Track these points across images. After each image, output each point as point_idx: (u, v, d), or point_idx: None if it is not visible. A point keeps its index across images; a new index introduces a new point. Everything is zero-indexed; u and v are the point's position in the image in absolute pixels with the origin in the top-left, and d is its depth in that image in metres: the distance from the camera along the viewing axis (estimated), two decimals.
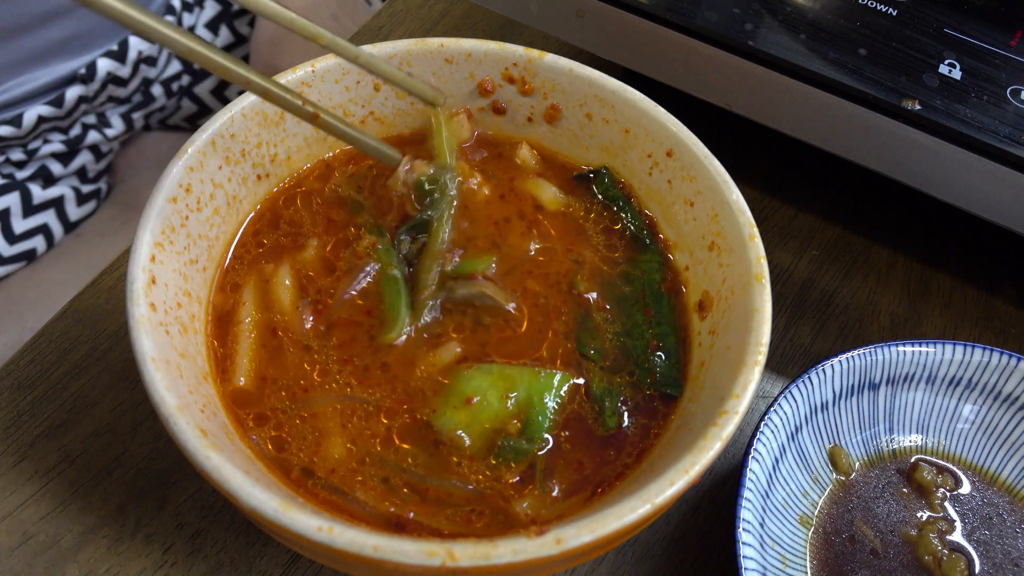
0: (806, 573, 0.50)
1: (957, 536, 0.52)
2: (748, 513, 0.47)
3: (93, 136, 1.00)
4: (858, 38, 0.60)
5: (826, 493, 0.53)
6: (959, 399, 0.55)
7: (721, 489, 0.56)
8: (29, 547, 0.51)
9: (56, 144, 0.97)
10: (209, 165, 0.48)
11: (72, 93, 0.95)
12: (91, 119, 1.01)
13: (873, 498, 0.53)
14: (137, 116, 1.06)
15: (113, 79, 0.98)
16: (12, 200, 0.94)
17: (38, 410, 0.55)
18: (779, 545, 0.50)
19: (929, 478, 0.54)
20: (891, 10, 0.62)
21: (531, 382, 0.45)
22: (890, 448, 0.55)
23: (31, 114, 0.92)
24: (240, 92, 0.48)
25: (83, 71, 0.95)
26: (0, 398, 0.56)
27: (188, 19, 1.08)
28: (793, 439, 0.52)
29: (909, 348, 0.54)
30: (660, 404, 0.46)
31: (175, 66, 1.08)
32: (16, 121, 0.91)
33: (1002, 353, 0.54)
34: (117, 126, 1.03)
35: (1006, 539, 0.52)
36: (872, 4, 0.62)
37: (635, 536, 0.53)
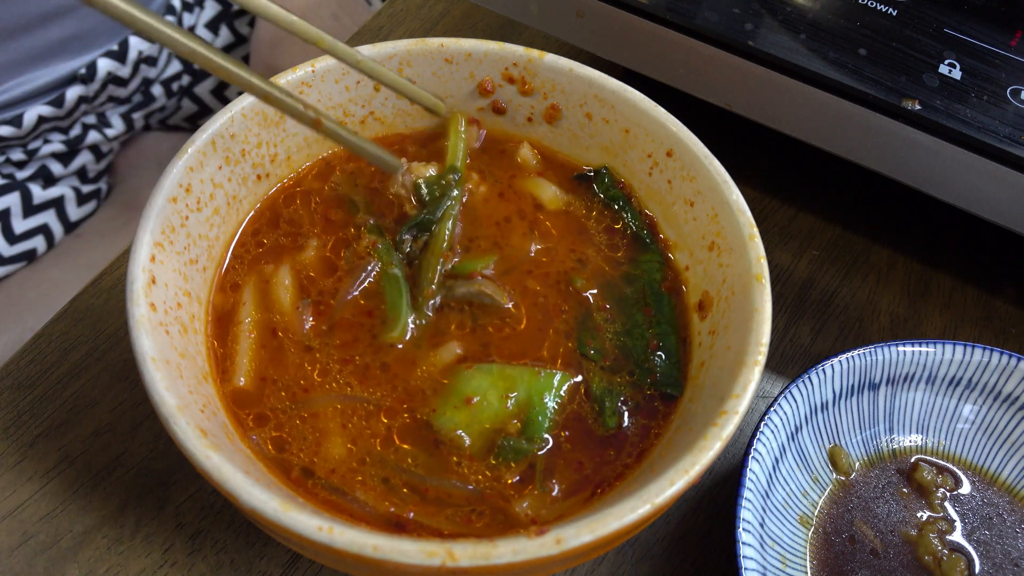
0: (806, 573, 0.50)
1: (957, 536, 0.52)
2: (748, 513, 0.47)
3: (93, 136, 1.00)
4: (858, 38, 0.60)
5: (826, 493, 0.53)
6: (959, 399, 0.55)
7: (721, 489, 0.56)
8: (29, 547, 0.51)
9: (56, 144, 0.97)
10: (209, 165, 0.48)
11: (72, 93, 0.95)
12: (91, 119, 1.01)
13: (873, 498, 0.53)
14: (137, 116, 1.06)
15: (113, 79, 0.98)
16: (12, 200, 0.94)
17: (38, 410, 0.55)
18: (779, 545, 0.50)
19: (929, 478, 0.54)
20: (891, 10, 0.62)
21: (531, 382, 0.45)
22: (890, 448, 0.55)
23: (31, 114, 0.92)
24: (241, 92, 0.48)
25: (83, 71, 0.95)
26: (0, 398, 0.56)
27: (188, 19, 1.08)
28: (793, 439, 0.52)
29: (909, 348, 0.54)
30: (660, 404, 0.46)
31: (175, 66, 1.08)
32: (16, 121, 0.91)
33: (1002, 353, 0.54)
34: (117, 126, 1.03)
35: (1006, 539, 0.52)
36: (872, 4, 0.62)
37: (635, 536, 0.53)
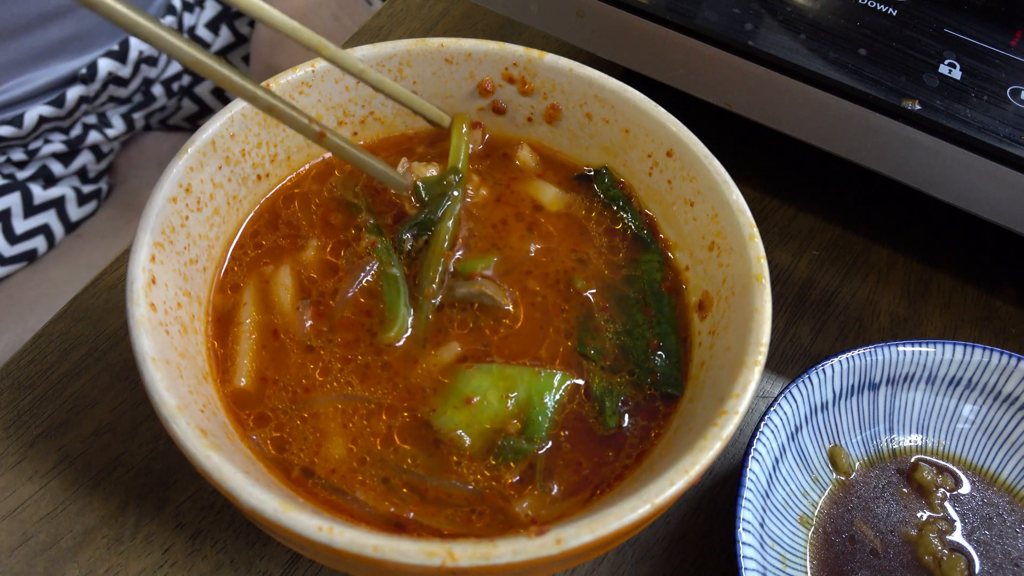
0: (806, 573, 0.50)
1: (957, 536, 0.52)
2: (748, 513, 0.47)
3: (94, 136, 1.00)
4: (858, 38, 0.60)
5: (826, 493, 0.53)
6: (959, 399, 0.55)
7: (721, 489, 0.56)
8: (29, 547, 0.51)
9: (57, 144, 0.97)
10: (209, 165, 0.48)
11: (73, 93, 0.95)
12: (92, 119, 1.01)
13: (873, 498, 0.53)
14: (138, 116, 1.06)
15: (114, 79, 0.98)
16: (13, 200, 0.94)
17: (38, 410, 0.55)
18: (779, 545, 0.50)
19: (929, 478, 0.54)
20: (891, 10, 0.62)
21: (531, 382, 0.45)
22: (890, 448, 0.55)
23: (32, 114, 0.92)
24: None
25: (84, 71, 0.95)
26: (0, 398, 0.56)
27: (189, 19, 1.08)
28: (793, 439, 0.52)
29: (909, 348, 0.54)
30: (660, 404, 0.46)
31: (176, 66, 1.08)
32: (17, 121, 0.91)
33: (1002, 353, 0.54)
34: (118, 126, 1.03)
35: (1006, 539, 0.52)
36: (872, 4, 0.62)
37: (635, 536, 0.53)
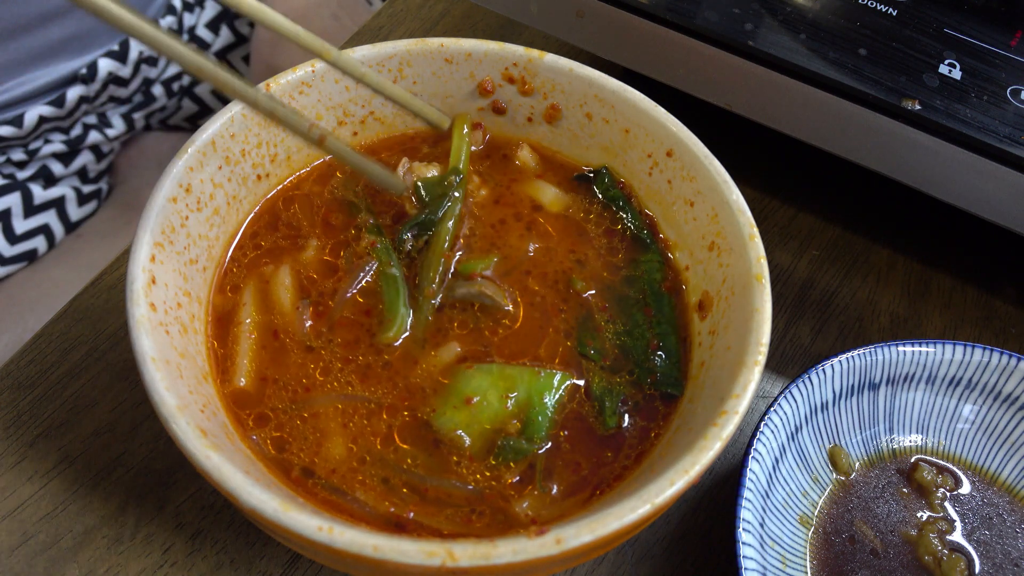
0: (806, 573, 0.50)
1: (957, 536, 0.52)
2: (748, 513, 0.47)
3: (94, 136, 1.00)
4: (858, 38, 0.60)
5: (826, 493, 0.53)
6: (959, 399, 0.55)
7: (721, 489, 0.56)
8: (29, 547, 0.51)
9: (57, 144, 0.97)
10: (209, 165, 0.48)
11: (73, 93, 0.95)
12: (92, 119, 1.01)
13: (873, 498, 0.53)
14: (138, 116, 1.06)
15: (114, 79, 0.98)
16: (13, 200, 0.94)
17: (38, 410, 0.55)
18: (779, 545, 0.50)
19: (929, 478, 0.54)
20: (891, 10, 0.62)
21: (531, 382, 0.45)
22: (890, 448, 0.55)
23: (32, 114, 0.92)
24: None
25: (84, 71, 0.95)
26: (0, 398, 0.56)
27: (189, 19, 1.08)
28: (793, 439, 0.52)
29: (909, 348, 0.54)
30: (660, 404, 0.46)
31: (176, 66, 1.09)
32: (17, 121, 0.91)
33: (1002, 353, 0.54)
34: (118, 126, 1.03)
35: (1006, 539, 0.52)
36: (872, 4, 0.62)
37: (635, 536, 0.53)
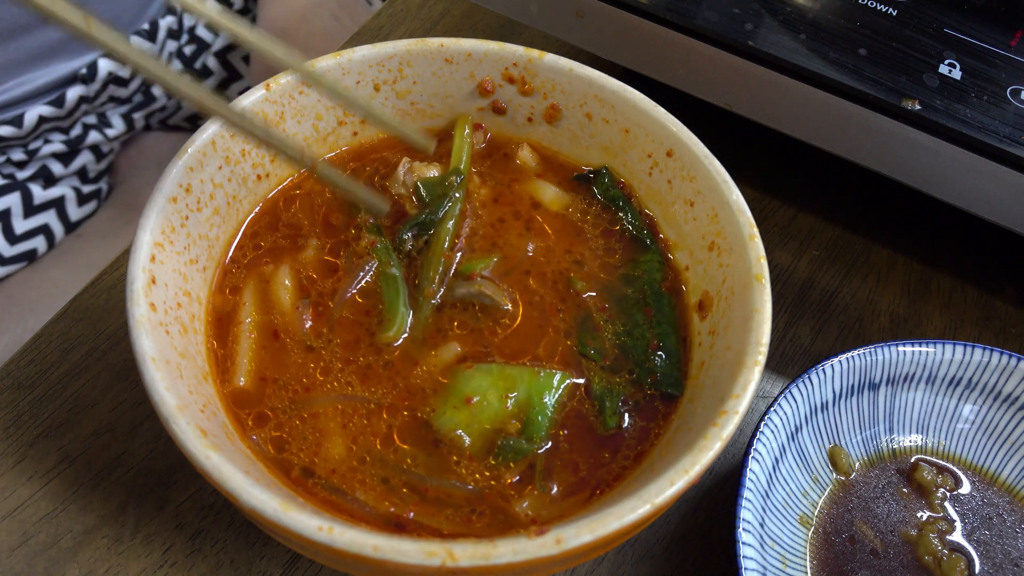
0: (806, 573, 0.50)
1: (957, 536, 0.52)
2: (748, 513, 0.47)
3: (94, 136, 1.00)
4: (858, 38, 0.60)
5: (826, 493, 0.53)
6: (959, 399, 0.55)
7: (721, 489, 0.56)
8: (29, 547, 0.51)
9: (57, 144, 0.97)
10: (209, 165, 0.48)
11: (73, 93, 0.95)
12: (92, 119, 1.01)
13: (873, 498, 0.53)
14: (138, 116, 1.06)
15: (114, 79, 0.98)
16: (13, 200, 0.94)
17: (38, 410, 0.55)
18: (779, 545, 0.50)
19: (929, 478, 0.54)
20: (891, 10, 0.62)
21: (531, 382, 0.45)
22: (890, 448, 0.55)
23: (32, 114, 0.92)
24: (242, 91, 0.48)
25: (84, 71, 0.95)
26: (0, 398, 0.56)
27: (189, 19, 1.08)
28: (793, 439, 0.52)
29: (909, 348, 0.54)
30: (660, 404, 0.46)
31: (176, 66, 1.08)
32: (17, 121, 0.91)
33: (1002, 353, 0.54)
34: (118, 126, 1.03)
35: (1006, 539, 0.52)
36: (872, 4, 0.62)
37: (635, 536, 0.53)
